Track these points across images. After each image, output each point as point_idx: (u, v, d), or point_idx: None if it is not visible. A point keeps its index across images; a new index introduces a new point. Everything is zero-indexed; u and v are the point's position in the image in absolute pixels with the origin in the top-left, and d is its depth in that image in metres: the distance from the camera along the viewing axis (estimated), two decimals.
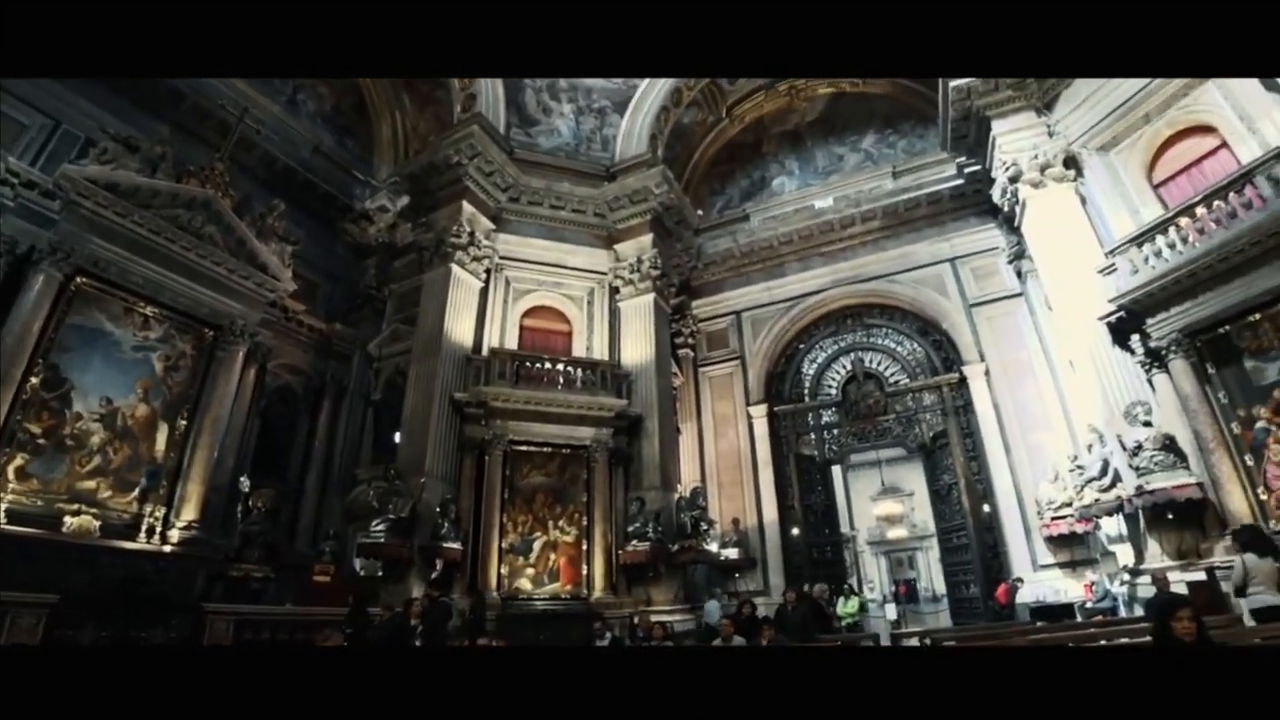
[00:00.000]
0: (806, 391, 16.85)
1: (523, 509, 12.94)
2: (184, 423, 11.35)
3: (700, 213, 17.84)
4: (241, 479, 12.10)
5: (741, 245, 17.45)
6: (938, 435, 15.09)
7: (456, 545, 11.58)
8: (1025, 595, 11.52)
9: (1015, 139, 12.33)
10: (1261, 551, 7.22)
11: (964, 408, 14.73)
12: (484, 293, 14.29)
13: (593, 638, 10.59)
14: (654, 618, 11.19)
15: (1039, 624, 9.53)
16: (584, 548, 12.84)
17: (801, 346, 17.29)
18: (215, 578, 10.75)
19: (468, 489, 12.52)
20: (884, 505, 27.78)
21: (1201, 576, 8.71)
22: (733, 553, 14.92)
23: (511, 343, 14.27)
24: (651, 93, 16.02)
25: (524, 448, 13.24)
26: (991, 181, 13.21)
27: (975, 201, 14.95)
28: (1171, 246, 9.82)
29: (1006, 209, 13.12)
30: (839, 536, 17.00)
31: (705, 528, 13.32)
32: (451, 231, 13.67)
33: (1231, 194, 9.32)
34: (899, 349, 16.22)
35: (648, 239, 15.29)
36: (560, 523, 13.04)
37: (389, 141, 17.78)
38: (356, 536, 12.31)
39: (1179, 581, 8.63)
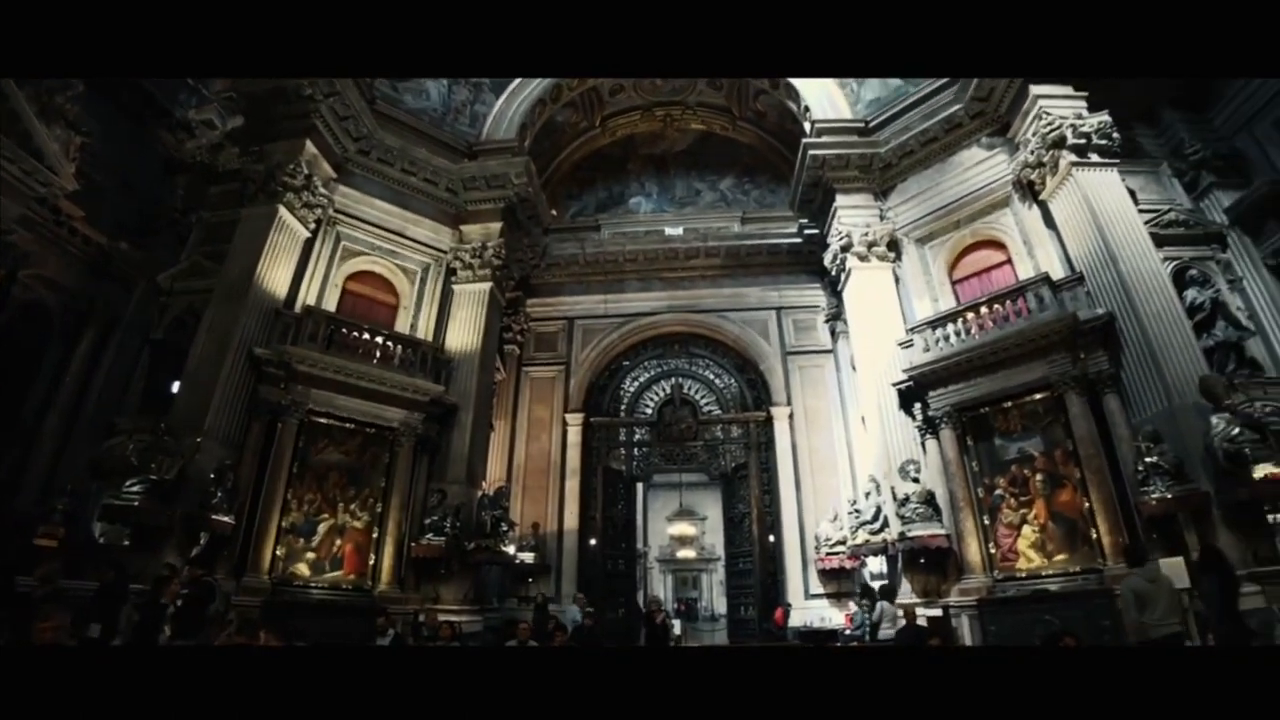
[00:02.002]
0: (624, 407, 17.33)
1: (312, 487, 11.78)
2: None
3: (554, 213, 17.78)
4: None
5: (588, 254, 17.62)
6: (739, 466, 16.27)
7: (228, 518, 10.12)
8: (795, 620, 12.72)
9: (853, 214, 13.84)
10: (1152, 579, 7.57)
11: (766, 444, 16.05)
12: (309, 244, 12.92)
13: (374, 634, 9.96)
14: (442, 616, 10.84)
15: (807, 646, 10.59)
16: (374, 536, 11.96)
17: (627, 363, 17.77)
18: None
19: (252, 457, 11.11)
20: (679, 526, 29.21)
21: (939, 612, 10.27)
22: (529, 556, 14.77)
23: (330, 305, 13.01)
24: (532, 81, 15.72)
25: (324, 420, 12.09)
26: (825, 247, 14.65)
27: (808, 261, 16.50)
28: (957, 334, 11.63)
29: (833, 274, 14.62)
30: (634, 551, 17.55)
31: (505, 529, 13.06)
32: (287, 169, 12.23)
33: (1008, 301, 11.30)
34: (716, 381, 17.28)
35: (496, 227, 14.84)
36: (352, 506, 12.05)
37: None
38: (103, 496, 10.34)
39: (923, 615, 10.10)
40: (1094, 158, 11.08)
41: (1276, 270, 11.26)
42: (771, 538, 15.22)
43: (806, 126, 14.84)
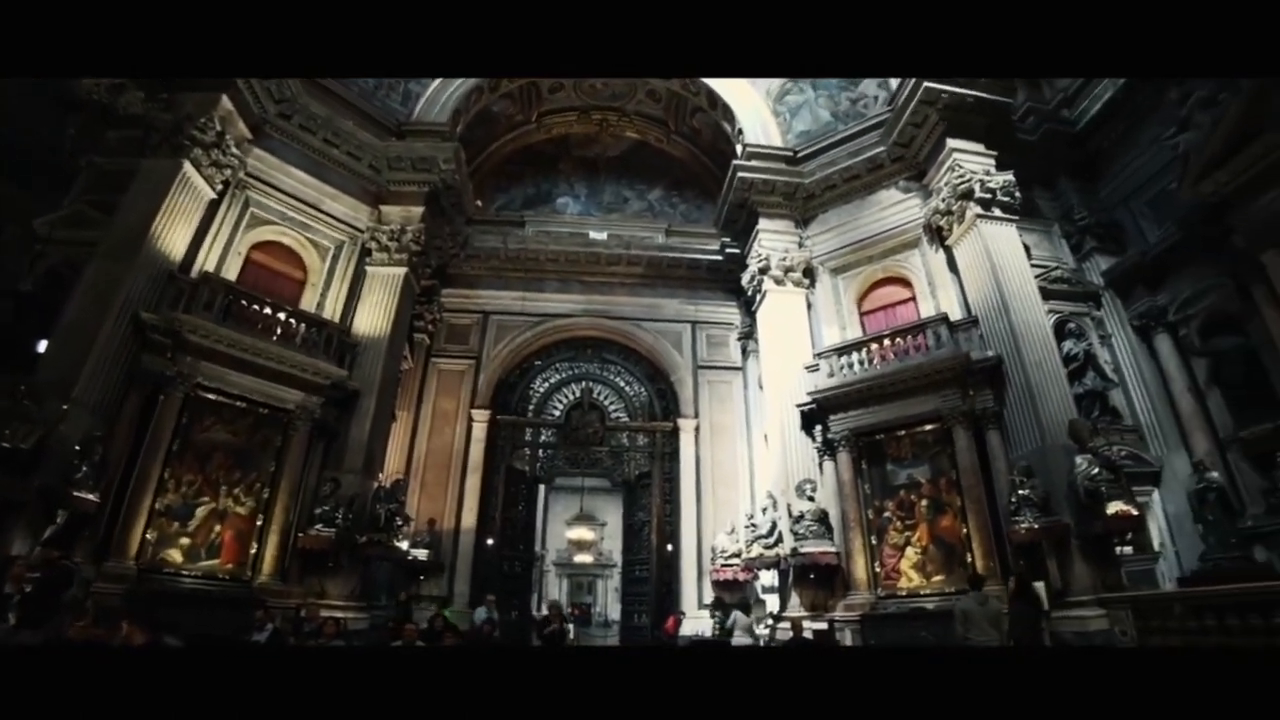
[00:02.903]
0: (532, 408, 17.14)
1: (193, 467, 10.93)
2: None
3: (479, 204, 17.41)
4: None
5: (510, 249, 17.37)
6: (642, 475, 16.44)
7: (92, 495, 9.14)
8: (687, 629, 12.95)
9: (773, 239, 14.34)
10: (982, 601, 8.12)
11: (671, 455, 16.30)
12: (214, 206, 12.03)
13: (250, 627, 9.41)
14: (326, 612, 10.32)
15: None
16: (258, 524, 11.22)
17: (539, 363, 17.59)
18: None
19: (127, 430, 10.15)
20: (579, 530, 29.03)
21: (825, 626, 10.74)
22: (422, 554, 14.26)
23: (231, 274, 12.12)
24: None
25: (213, 396, 11.25)
26: (744, 267, 15.08)
27: (726, 280, 16.94)
28: (861, 363, 12.27)
29: (749, 294, 15.06)
30: (532, 553, 17.34)
31: (400, 523, 12.61)
32: (198, 123, 11.36)
33: (909, 337, 12.02)
34: (627, 389, 17.40)
35: (418, 211, 14.37)
36: (236, 490, 11.27)
37: None
38: None
39: (809, 629, 10.53)
40: (997, 212, 11.99)
41: (1140, 331, 12.62)
42: (669, 547, 15.44)
43: (738, 149, 15.28)
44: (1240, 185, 10.21)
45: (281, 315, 12.08)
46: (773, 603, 13.06)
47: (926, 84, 12.21)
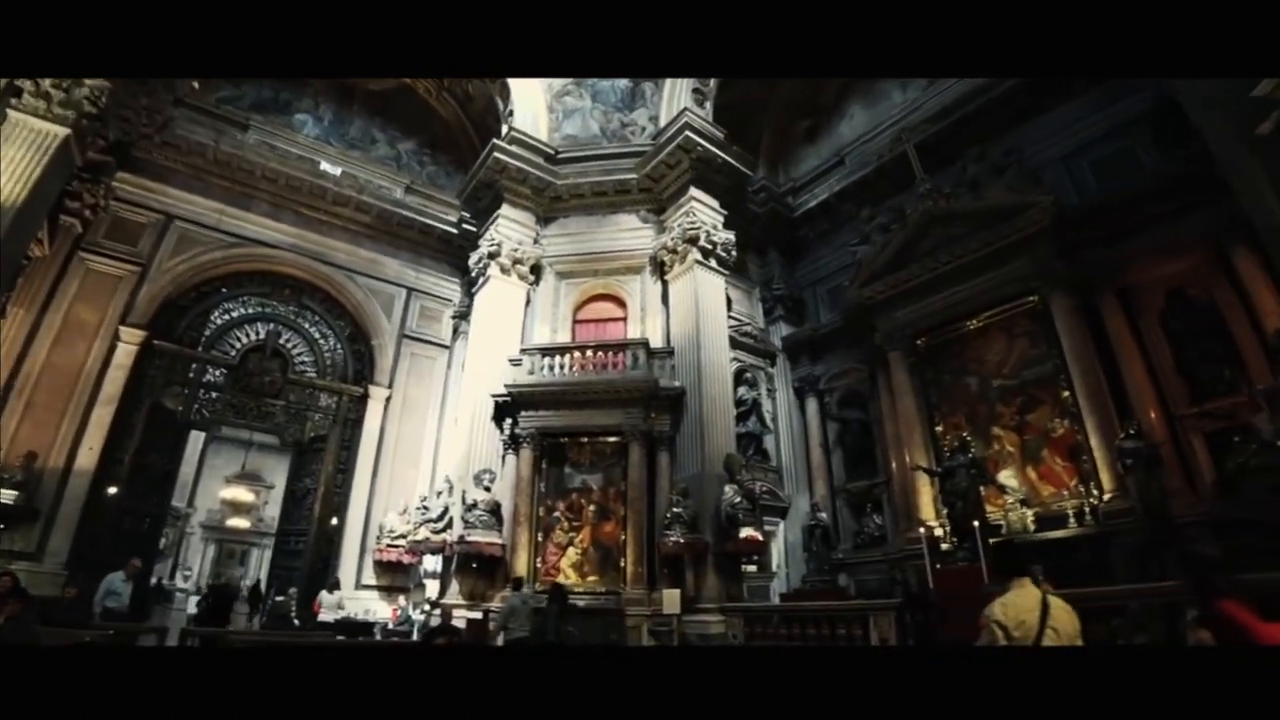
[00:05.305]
0: (204, 340, 14.60)
1: None
2: None
3: (196, 85, 14.43)
4: None
5: (223, 151, 14.68)
6: (318, 438, 14.95)
7: None
8: (353, 610, 12.01)
9: (512, 227, 14.23)
10: (524, 600, 9.25)
11: (355, 422, 15.12)
12: None
13: None
14: None
15: (339, 637, 10.02)
16: None
17: (225, 290, 15.04)
18: None
19: None
20: (238, 490, 25.37)
21: (480, 615, 10.73)
22: (9, 495, 11.06)
23: None
24: None
25: None
26: (476, 248, 14.70)
27: (455, 255, 16.39)
28: (563, 367, 12.70)
29: (473, 275, 14.69)
30: (166, 510, 14.65)
31: None
32: None
33: (612, 353, 12.71)
34: (322, 342, 15.79)
35: None
36: None
37: None
38: None
39: (461, 617, 10.50)
40: (713, 263, 13.33)
41: (797, 391, 15.08)
42: (335, 520, 14.19)
43: (504, 129, 14.95)
44: (888, 298, 12.76)
45: None
46: (433, 588, 12.71)
47: (687, 133, 13.22)
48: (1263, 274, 8.57)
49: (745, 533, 10.82)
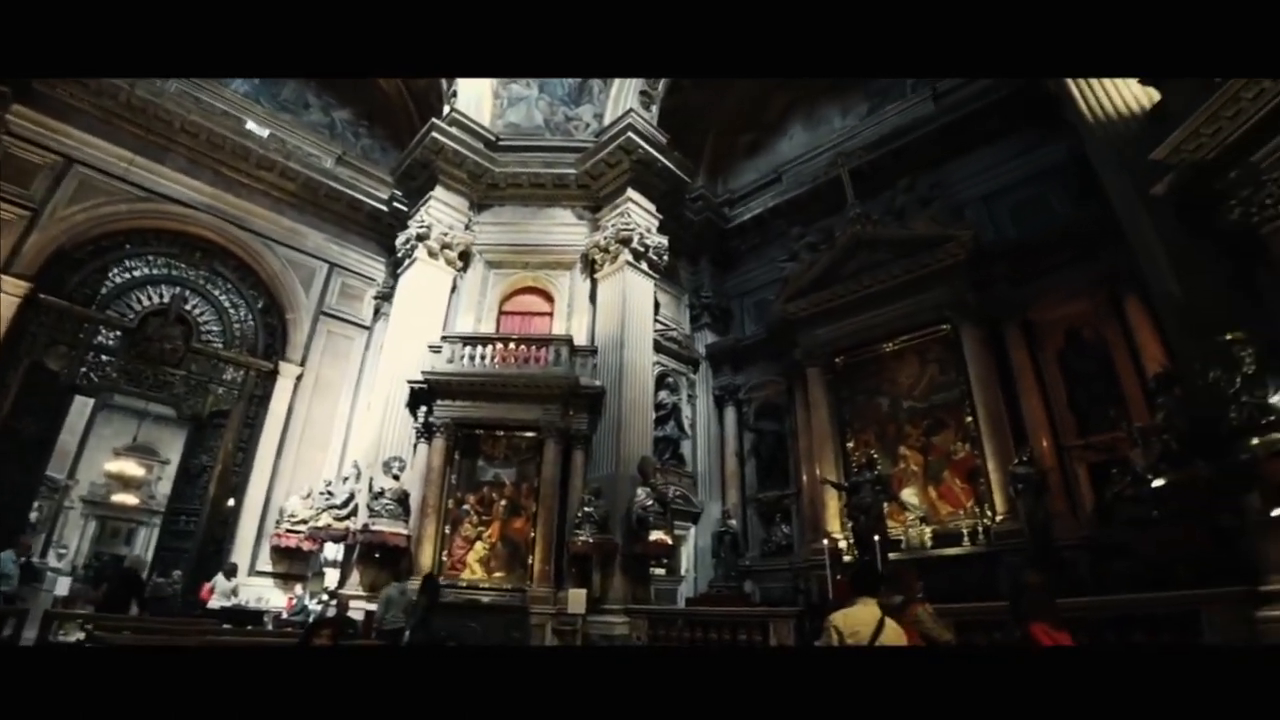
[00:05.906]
0: (99, 299, 13.53)
1: None
2: None
3: None
4: None
5: (139, 96, 13.51)
6: (219, 413, 14.08)
7: None
8: (231, 598, 11.31)
9: (444, 211, 13.87)
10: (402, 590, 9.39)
11: (261, 399, 14.32)
12: None
13: None
14: None
15: (226, 626, 9.46)
16: None
17: (129, 247, 13.89)
18: None
19: None
20: (126, 463, 23.68)
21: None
22: None
23: None
24: None
25: None
26: (405, 227, 14.22)
27: (383, 233, 15.78)
28: (484, 358, 12.49)
29: (400, 256, 14.22)
30: (37, 482, 13.48)
31: None
32: None
33: (535, 347, 12.58)
34: (232, 312, 14.87)
35: None
36: None
37: None
38: None
39: (358, 609, 10.16)
40: (644, 266, 13.36)
41: (717, 400, 15.25)
42: (231, 501, 13.39)
43: (445, 109, 14.56)
44: (811, 315, 13.06)
45: None
46: (332, 577, 12.20)
47: (630, 134, 13.21)
48: (1148, 321, 9.19)
49: (655, 536, 10.89)
